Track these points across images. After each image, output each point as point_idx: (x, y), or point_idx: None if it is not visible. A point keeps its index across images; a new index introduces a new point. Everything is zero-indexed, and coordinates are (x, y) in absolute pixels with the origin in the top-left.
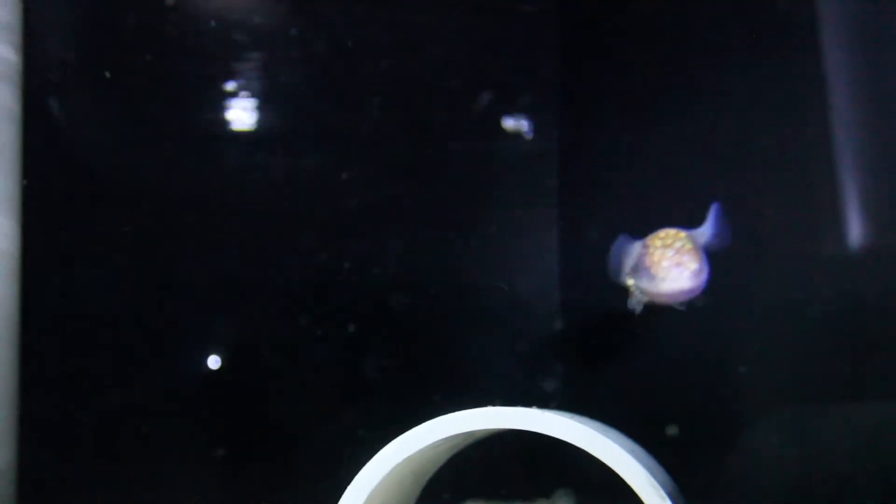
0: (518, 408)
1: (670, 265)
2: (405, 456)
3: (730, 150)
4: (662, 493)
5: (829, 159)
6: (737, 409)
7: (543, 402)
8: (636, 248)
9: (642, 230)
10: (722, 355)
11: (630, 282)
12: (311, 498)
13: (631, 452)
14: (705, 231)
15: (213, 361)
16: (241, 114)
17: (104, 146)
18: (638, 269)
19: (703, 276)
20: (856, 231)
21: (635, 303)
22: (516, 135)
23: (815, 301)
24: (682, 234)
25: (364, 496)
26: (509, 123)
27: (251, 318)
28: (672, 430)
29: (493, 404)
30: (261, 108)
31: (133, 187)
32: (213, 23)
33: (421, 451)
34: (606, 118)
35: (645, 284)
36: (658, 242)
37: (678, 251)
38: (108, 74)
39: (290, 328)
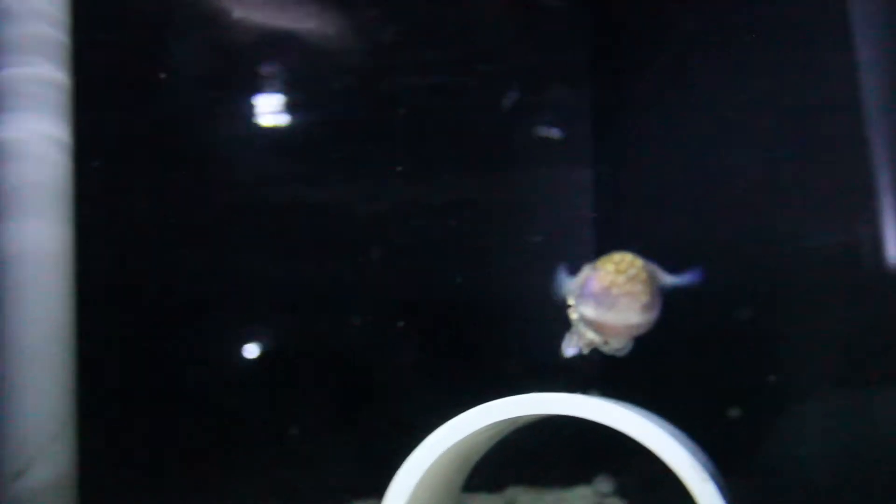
0: (562, 393)
1: (620, 293)
2: (454, 441)
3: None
4: (705, 474)
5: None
6: (777, 392)
7: (583, 389)
8: (585, 270)
9: (672, 226)
10: (759, 337)
11: (572, 311)
12: (362, 483)
13: (672, 435)
14: (670, 277)
15: (256, 351)
16: (274, 107)
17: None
18: (583, 294)
19: (654, 313)
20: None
21: (573, 340)
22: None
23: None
24: (639, 261)
25: (414, 481)
26: (542, 131)
27: (301, 311)
28: (732, 412)
29: (534, 391)
30: (293, 101)
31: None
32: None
33: (468, 437)
34: (639, 108)
35: (588, 312)
36: (610, 266)
37: (631, 279)
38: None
39: (337, 320)
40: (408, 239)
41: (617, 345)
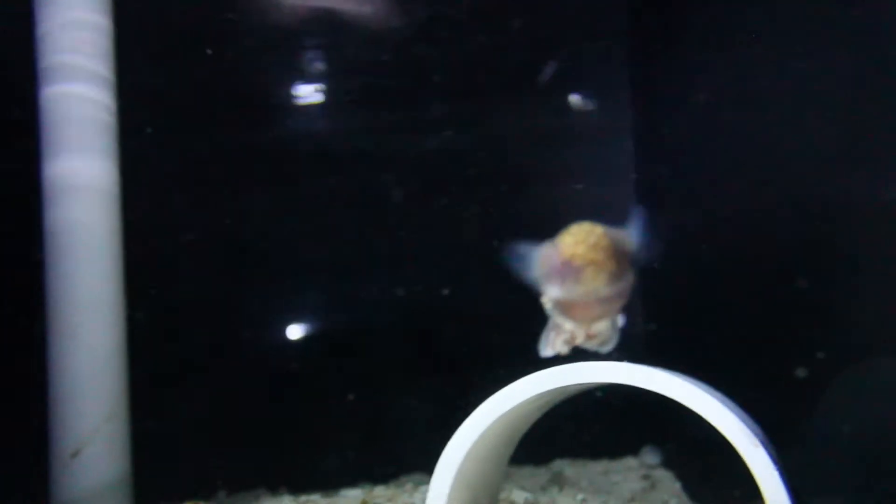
0: (611, 362)
1: (583, 263)
2: (502, 412)
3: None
4: (756, 440)
5: None
6: (824, 358)
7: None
8: (544, 249)
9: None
10: (811, 306)
11: (545, 300)
12: (414, 452)
13: (722, 402)
14: (631, 234)
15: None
16: (313, 90)
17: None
18: (547, 275)
19: (624, 283)
20: None
21: (551, 337)
22: (584, 110)
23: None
24: (599, 228)
25: (463, 452)
26: (575, 100)
27: (349, 296)
28: (799, 372)
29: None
30: (331, 79)
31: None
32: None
33: (516, 408)
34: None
35: (555, 292)
36: (568, 238)
37: (592, 247)
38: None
39: (387, 303)
40: (451, 208)
41: (600, 336)
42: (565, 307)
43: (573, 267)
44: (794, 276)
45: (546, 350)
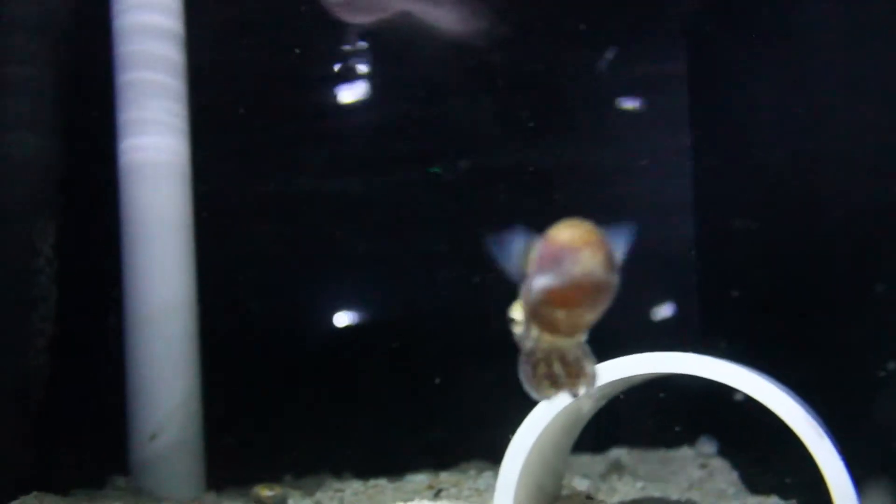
0: (678, 353)
1: (581, 244)
2: (569, 400)
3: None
4: (821, 431)
5: None
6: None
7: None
8: (535, 240)
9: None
10: (861, 291)
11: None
12: (474, 440)
13: (787, 394)
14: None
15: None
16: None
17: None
18: (539, 269)
19: (615, 278)
20: None
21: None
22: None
23: None
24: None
25: (532, 440)
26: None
27: (413, 285)
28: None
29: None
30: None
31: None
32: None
33: (582, 396)
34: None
35: (547, 282)
36: (562, 228)
37: (588, 231)
38: None
39: (453, 291)
40: (506, 204)
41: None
42: (554, 299)
43: (573, 249)
44: (856, 272)
45: (532, 391)
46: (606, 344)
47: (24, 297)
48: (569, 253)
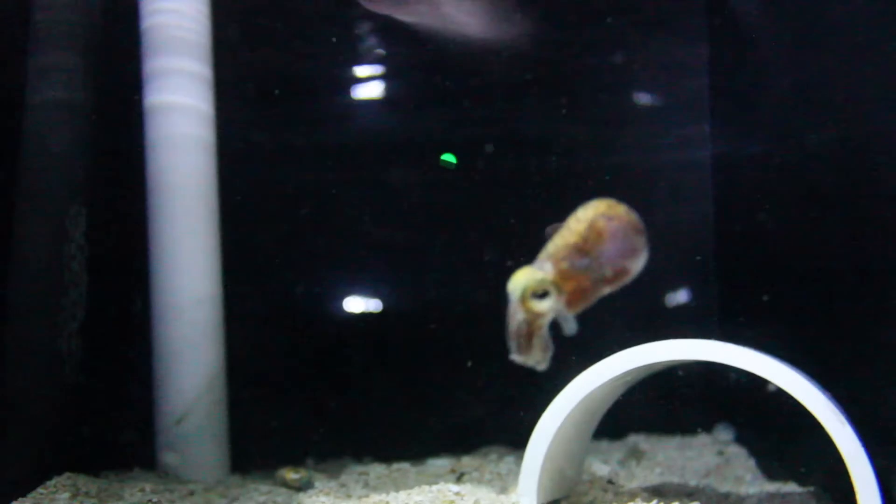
0: (700, 340)
1: (623, 225)
2: (594, 386)
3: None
4: (843, 418)
5: None
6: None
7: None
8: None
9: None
10: (888, 280)
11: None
12: (508, 426)
13: (810, 381)
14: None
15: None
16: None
17: None
18: (602, 252)
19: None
20: None
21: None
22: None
23: None
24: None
25: (556, 425)
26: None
27: (436, 272)
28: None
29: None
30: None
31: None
32: None
33: (604, 384)
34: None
35: (637, 255)
36: (603, 208)
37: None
38: None
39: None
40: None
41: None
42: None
43: (612, 227)
44: (883, 259)
45: (519, 354)
46: (626, 331)
47: (58, 283)
48: (610, 232)
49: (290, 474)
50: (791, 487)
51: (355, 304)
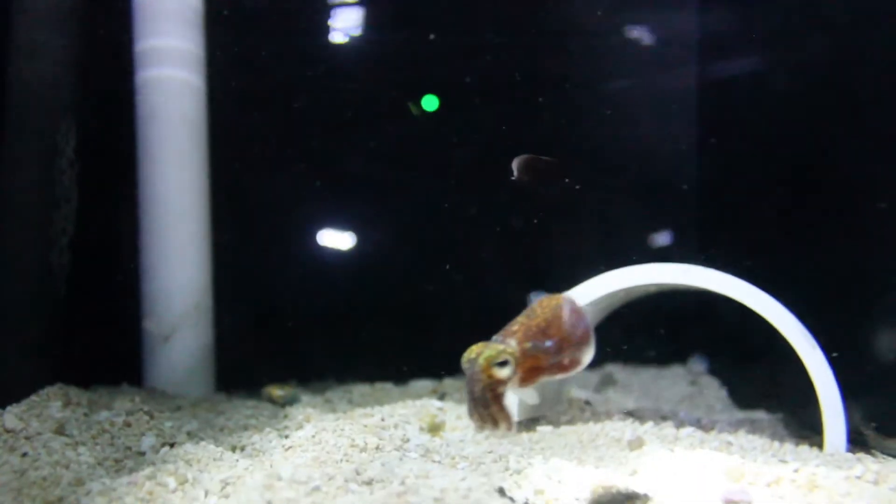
0: (678, 264)
1: (582, 319)
2: (584, 303)
3: None
4: (813, 342)
5: None
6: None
7: None
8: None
9: None
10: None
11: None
12: None
13: (782, 305)
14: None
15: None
16: None
17: None
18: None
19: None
20: None
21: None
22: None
23: None
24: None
25: None
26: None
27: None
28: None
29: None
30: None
31: None
32: None
33: (588, 305)
34: None
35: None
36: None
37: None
38: None
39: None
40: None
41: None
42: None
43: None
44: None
45: (483, 426)
46: (608, 257)
47: (49, 196)
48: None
49: (276, 391)
50: (760, 415)
51: (341, 235)
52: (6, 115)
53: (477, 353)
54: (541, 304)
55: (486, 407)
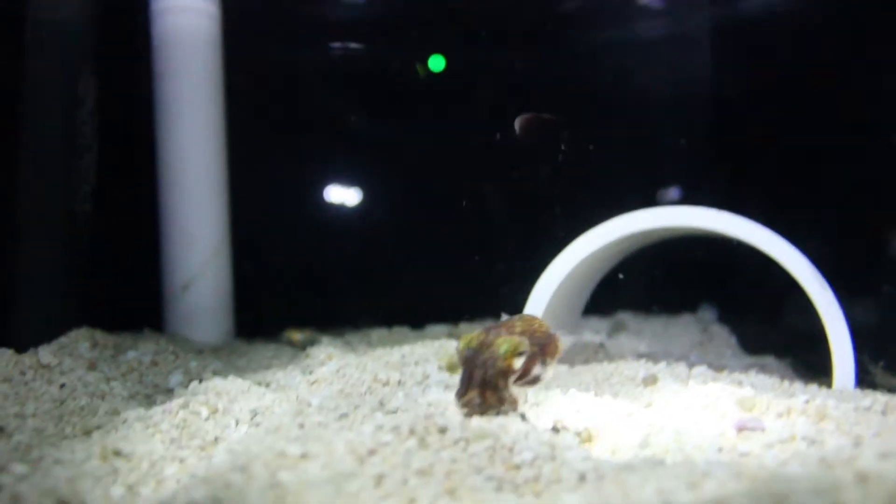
0: (691, 206)
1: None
2: (591, 250)
3: None
4: (824, 282)
5: None
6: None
7: None
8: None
9: None
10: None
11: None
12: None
13: (794, 247)
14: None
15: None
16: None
17: None
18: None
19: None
20: None
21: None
22: None
23: None
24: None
25: (553, 287)
26: None
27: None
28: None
29: None
30: None
31: None
32: None
33: (597, 251)
34: None
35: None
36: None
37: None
38: None
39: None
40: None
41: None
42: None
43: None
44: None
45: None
46: (623, 202)
47: (72, 145)
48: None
49: (296, 335)
50: (769, 360)
51: (359, 184)
52: (27, 65)
53: (481, 342)
54: (523, 320)
55: (495, 391)
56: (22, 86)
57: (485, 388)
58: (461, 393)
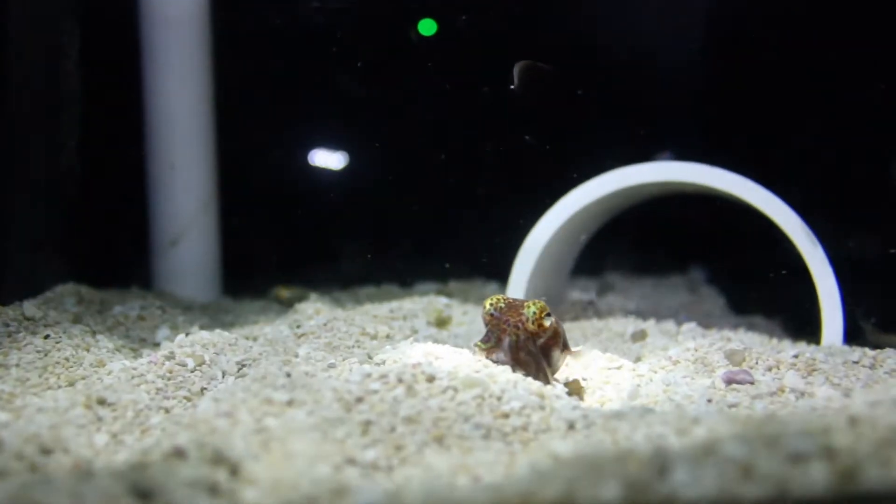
0: (680, 162)
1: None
2: (580, 206)
3: None
4: (814, 239)
5: None
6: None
7: None
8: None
9: None
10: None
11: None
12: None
13: (785, 202)
14: None
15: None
16: None
17: None
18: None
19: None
20: None
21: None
22: None
23: None
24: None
25: (543, 242)
26: None
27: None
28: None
29: None
30: None
31: None
32: None
33: (591, 205)
34: None
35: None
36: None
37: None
38: None
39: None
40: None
41: None
42: None
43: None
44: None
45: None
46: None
47: (57, 98)
48: None
49: (284, 292)
50: (758, 319)
51: (346, 141)
52: (8, 14)
53: (508, 304)
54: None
55: (528, 353)
56: (3, 38)
57: (522, 349)
58: (490, 348)
